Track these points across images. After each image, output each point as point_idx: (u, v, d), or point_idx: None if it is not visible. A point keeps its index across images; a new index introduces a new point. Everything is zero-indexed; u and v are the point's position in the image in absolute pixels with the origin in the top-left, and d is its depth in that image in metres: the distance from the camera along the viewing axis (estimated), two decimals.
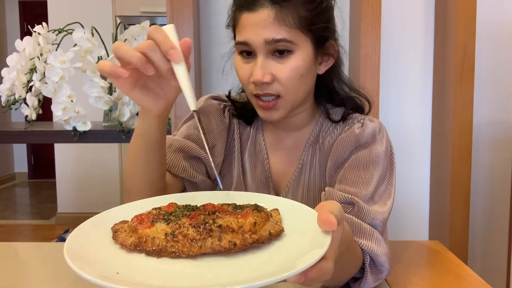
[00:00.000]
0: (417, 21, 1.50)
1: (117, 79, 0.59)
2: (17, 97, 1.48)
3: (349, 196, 0.73)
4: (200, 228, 0.48)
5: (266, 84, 0.75)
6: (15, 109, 1.51)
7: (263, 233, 0.49)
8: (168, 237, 0.48)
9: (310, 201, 0.84)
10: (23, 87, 1.47)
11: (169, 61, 0.58)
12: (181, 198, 0.62)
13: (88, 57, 1.43)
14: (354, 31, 1.43)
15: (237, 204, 0.55)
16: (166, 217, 0.51)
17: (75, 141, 1.49)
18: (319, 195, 0.82)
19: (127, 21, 1.88)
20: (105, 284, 0.40)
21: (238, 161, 0.89)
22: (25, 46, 1.48)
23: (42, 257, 0.94)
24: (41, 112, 1.53)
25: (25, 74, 1.47)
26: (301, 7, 0.74)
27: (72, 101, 1.43)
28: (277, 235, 0.50)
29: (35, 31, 1.46)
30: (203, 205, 0.55)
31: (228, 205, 0.55)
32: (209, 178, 0.88)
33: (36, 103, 1.49)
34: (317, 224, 0.46)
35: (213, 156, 0.87)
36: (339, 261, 0.49)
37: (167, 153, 0.82)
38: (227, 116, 0.90)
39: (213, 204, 0.55)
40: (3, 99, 1.52)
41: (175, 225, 0.49)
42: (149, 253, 0.48)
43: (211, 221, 0.49)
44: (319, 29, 0.77)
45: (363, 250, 0.70)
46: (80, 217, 3.91)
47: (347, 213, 0.72)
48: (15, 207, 4.77)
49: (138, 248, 0.48)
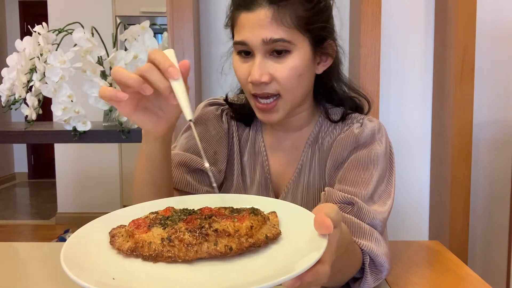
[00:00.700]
0: (417, 21, 1.50)
1: (118, 103, 0.61)
2: (17, 97, 1.48)
3: (349, 196, 0.73)
4: (196, 232, 0.48)
5: (264, 84, 0.75)
6: (15, 109, 1.51)
7: (259, 236, 0.49)
8: (164, 242, 0.47)
9: (309, 202, 0.84)
10: (23, 87, 1.46)
11: (168, 80, 0.59)
12: (179, 201, 0.62)
13: (88, 57, 1.42)
14: (354, 31, 1.43)
15: (234, 207, 0.55)
16: (162, 221, 0.51)
17: (75, 141, 1.49)
18: (319, 196, 0.82)
19: (127, 21, 1.88)
20: None
21: (237, 163, 0.89)
22: (25, 46, 1.48)
23: (42, 257, 0.94)
24: (41, 112, 1.52)
25: (25, 74, 1.47)
26: (299, 7, 0.74)
27: (72, 101, 1.43)
28: (274, 238, 0.50)
29: (35, 31, 1.46)
30: (200, 209, 0.55)
31: (225, 208, 0.55)
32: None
33: (36, 103, 1.49)
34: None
35: (215, 163, 0.86)
36: (338, 263, 0.49)
37: None
38: (225, 120, 0.90)
39: (210, 207, 0.55)
40: (3, 99, 1.52)
41: (171, 229, 0.49)
42: (146, 258, 0.48)
43: (207, 225, 0.48)
44: (317, 28, 0.77)
45: (362, 250, 0.69)
46: (80, 217, 3.90)
47: (347, 213, 0.72)
48: (15, 207, 4.77)
49: (134, 253, 0.48)
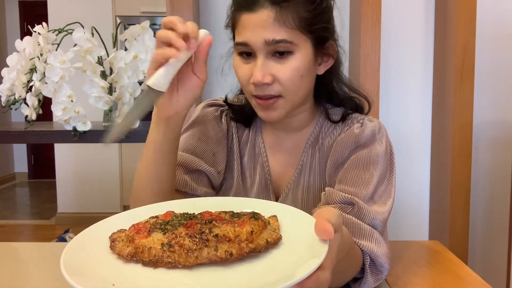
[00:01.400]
0: (417, 21, 1.50)
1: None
2: (17, 97, 1.47)
3: (349, 196, 0.73)
4: (196, 238, 0.47)
5: (266, 85, 0.75)
6: (15, 109, 1.51)
7: (260, 241, 0.49)
8: (164, 248, 0.47)
9: (310, 202, 0.84)
10: (23, 87, 1.46)
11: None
12: (179, 205, 0.62)
13: (88, 57, 1.42)
14: (354, 31, 1.43)
15: (235, 211, 0.55)
16: (163, 226, 0.51)
17: (75, 141, 1.49)
18: (319, 196, 0.82)
19: (127, 21, 1.88)
20: None
21: (237, 164, 0.89)
22: (25, 46, 1.48)
23: (42, 257, 0.94)
24: (41, 112, 1.52)
25: (25, 74, 1.47)
26: (301, 8, 0.74)
27: (72, 101, 1.43)
28: (274, 243, 0.50)
29: (35, 31, 1.46)
30: (200, 213, 0.54)
31: (225, 213, 0.54)
32: (213, 189, 0.87)
33: (36, 103, 1.49)
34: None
35: (214, 164, 0.86)
36: (339, 265, 0.49)
37: None
38: (224, 121, 0.90)
39: (210, 212, 0.55)
40: (3, 99, 1.52)
41: (172, 235, 0.48)
42: (146, 264, 0.47)
43: (207, 231, 0.48)
44: (319, 29, 0.77)
45: (363, 251, 0.69)
46: (80, 217, 3.89)
47: (347, 213, 0.72)
48: (15, 207, 4.77)
49: (135, 258, 0.48)
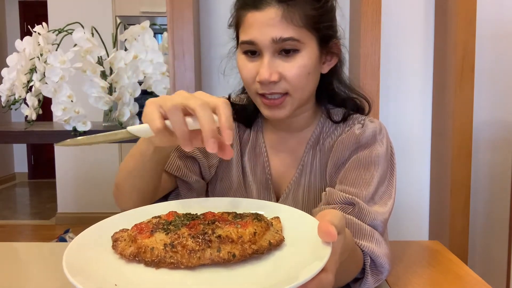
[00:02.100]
0: (417, 21, 1.50)
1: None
2: (17, 97, 1.47)
3: (350, 196, 0.73)
4: (199, 238, 0.47)
5: (273, 83, 0.74)
6: (15, 109, 1.51)
7: (262, 243, 0.49)
8: (167, 248, 0.47)
9: (310, 202, 0.84)
10: (23, 87, 1.46)
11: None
12: (181, 205, 0.62)
13: (88, 57, 1.42)
14: (354, 31, 1.43)
15: (238, 212, 0.55)
16: (165, 226, 0.51)
17: None
18: (320, 196, 0.82)
19: (127, 21, 1.88)
20: None
21: (237, 163, 0.89)
22: (25, 46, 1.48)
23: (42, 257, 0.94)
24: (41, 112, 1.52)
25: (25, 74, 1.47)
26: (308, 6, 0.74)
27: (72, 101, 1.43)
28: (277, 244, 0.50)
29: (35, 31, 1.46)
30: (203, 214, 0.54)
31: (228, 213, 0.54)
32: (203, 178, 0.87)
33: (36, 103, 1.49)
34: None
35: (208, 156, 0.86)
36: (341, 267, 0.49)
37: None
38: None
39: (213, 212, 0.55)
40: (3, 99, 1.52)
41: (174, 235, 0.48)
42: (148, 264, 0.47)
43: (210, 231, 0.48)
44: (324, 27, 0.77)
45: (363, 251, 0.69)
46: (80, 217, 3.88)
47: (348, 214, 0.72)
48: (15, 207, 4.76)
49: (137, 258, 0.48)
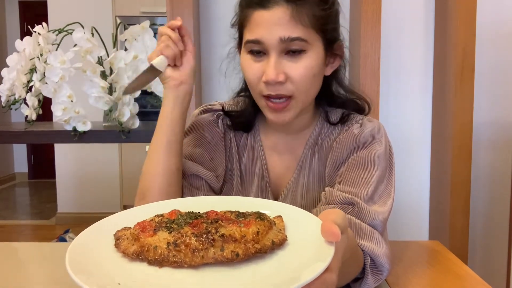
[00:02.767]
0: (417, 21, 1.50)
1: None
2: (17, 97, 1.47)
3: (349, 196, 0.73)
4: (202, 237, 0.47)
5: (279, 84, 0.74)
6: (15, 109, 1.51)
7: (265, 242, 0.48)
8: (170, 247, 0.47)
9: (309, 203, 0.84)
10: (23, 87, 1.46)
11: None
12: (183, 203, 0.62)
13: (88, 57, 1.42)
14: (354, 31, 1.43)
15: (240, 211, 0.55)
16: (168, 225, 0.51)
17: (75, 141, 1.48)
18: (319, 196, 0.82)
19: (127, 21, 1.88)
20: None
21: (236, 166, 0.88)
22: (25, 46, 1.47)
23: (42, 257, 0.94)
24: (41, 112, 1.52)
25: (25, 74, 1.47)
26: (315, 6, 0.74)
27: (72, 101, 1.43)
28: (280, 244, 0.49)
29: (35, 31, 1.46)
30: (205, 213, 0.54)
31: (231, 212, 0.54)
32: (213, 191, 0.86)
33: (36, 103, 1.49)
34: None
35: (213, 168, 0.85)
36: (343, 267, 0.49)
37: None
38: (221, 125, 0.88)
39: (216, 211, 0.54)
40: (3, 99, 1.52)
41: (177, 234, 0.48)
42: (151, 263, 0.47)
43: (213, 230, 0.48)
44: (330, 29, 0.77)
45: (363, 251, 0.69)
46: (80, 217, 3.89)
47: (347, 214, 0.72)
48: (15, 207, 4.77)
49: (140, 257, 0.48)
